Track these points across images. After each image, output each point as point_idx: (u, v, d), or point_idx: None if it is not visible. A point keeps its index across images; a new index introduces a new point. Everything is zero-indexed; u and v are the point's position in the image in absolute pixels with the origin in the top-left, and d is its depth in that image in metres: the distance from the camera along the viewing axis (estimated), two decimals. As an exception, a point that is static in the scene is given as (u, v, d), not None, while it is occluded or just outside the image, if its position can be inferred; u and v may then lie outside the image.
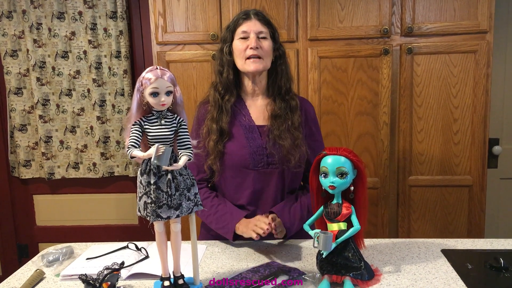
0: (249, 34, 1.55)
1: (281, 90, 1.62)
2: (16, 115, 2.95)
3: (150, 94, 1.10)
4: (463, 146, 2.28)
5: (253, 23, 1.56)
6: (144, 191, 1.12)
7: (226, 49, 1.59)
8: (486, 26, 2.18)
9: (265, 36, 1.57)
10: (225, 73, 1.60)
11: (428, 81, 2.25)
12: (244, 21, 1.57)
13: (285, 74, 1.62)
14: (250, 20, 1.57)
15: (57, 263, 1.43)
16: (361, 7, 2.23)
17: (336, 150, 1.22)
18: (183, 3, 2.29)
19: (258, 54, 1.54)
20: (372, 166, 2.33)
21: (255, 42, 1.54)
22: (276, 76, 1.63)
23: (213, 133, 1.57)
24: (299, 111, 1.62)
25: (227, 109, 1.59)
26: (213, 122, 1.58)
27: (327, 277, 1.22)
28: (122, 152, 2.95)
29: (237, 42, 1.57)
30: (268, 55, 1.58)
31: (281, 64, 1.62)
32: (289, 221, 1.55)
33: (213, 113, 1.59)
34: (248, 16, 1.58)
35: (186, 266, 1.32)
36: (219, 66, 1.62)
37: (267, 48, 1.57)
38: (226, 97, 1.60)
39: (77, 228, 3.12)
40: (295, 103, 1.61)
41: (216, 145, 1.57)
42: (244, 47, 1.55)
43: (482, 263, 1.34)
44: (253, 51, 1.54)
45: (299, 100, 1.65)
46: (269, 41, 1.58)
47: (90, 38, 2.81)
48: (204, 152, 1.58)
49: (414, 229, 2.37)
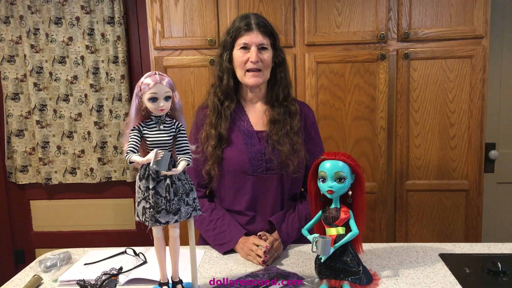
0: (250, 46, 1.54)
1: (279, 97, 1.61)
2: (13, 120, 2.94)
3: (149, 100, 1.11)
4: (460, 150, 2.29)
5: (254, 35, 1.55)
6: (142, 196, 1.12)
7: (226, 56, 1.58)
8: (482, 32, 2.20)
9: (266, 47, 1.56)
10: (225, 80, 1.59)
11: (425, 86, 2.27)
12: (245, 32, 1.55)
13: (284, 81, 1.62)
14: (252, 31, 1.55)
15: (55, 269, 1.43)
16: (358, 12, 2.24)
17: (334, 155, 1.22)
18: (181, 8, 2.30)
19: (258, 68, 1.54)
20: (369, 171, 2.33)
21: (256, 56, 1.53)
22: (275, 82, 1.62)
23: (212, 138, 1.57)
24: (298, 116, 1.62)
25: (226, 115, 1.58)
26: (212, 127, 1.58)
27: (326, 282, 1.22)
28: (120, 157, 2.94)
29: (237, 52, 1.56)
30: (268, 67, 1.58)
31: (281, 71, 1.62)
32: (286, 234, 1.55)
33: (212, 118, 1.59)
34: (250, 26, 1.55)
35: (184, 271, 1.32)
36: (219, 72, 1.61)
37: (268, 60, 1.57)
38: (225, 104, 1.60)
39: (74, 234, 3.11)
40: (295, 108, 1.61)
41: (215, 150, 1.56)
42: (244, 59, 1.54)
43: (480, 267, 1.35)
44: (253, 65, 1.54)
45: (298, 105, 1.65)
46: (269, 52, 1.57)
47: (88, 44, 2.81)
48: (202, 158, 1.58)
49: (412, 234, 2.37)
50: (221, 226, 1.57)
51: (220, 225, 1.58)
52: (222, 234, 1.56)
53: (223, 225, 1.58)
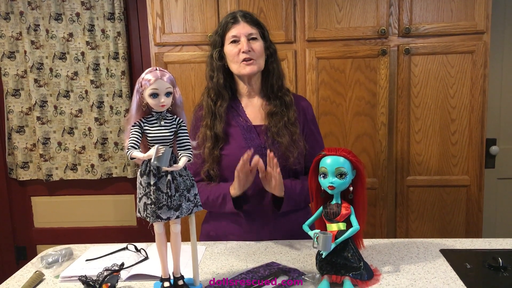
0: (240, 37, 1.56)
1: (274, 88, 1.63)
2: (14, 116, 2.94)
3: (150, 95, 1.10)
4: (461, 146, 2.29)
5: (242, 26, 1.57)
6: (144, 192, 1.12)
7: (216, 54, 1.61)
8: (483, 27, 2.19)
9: (256, 37, 1.58)
10: (215, 78, 1.61)
11: (426, 81, 2.26)
12: (233, 25, 1.58)
13: (276, 72, 1.64)
14: (239, 23, 1.58)
15: (57, 265, 1.43)
16: (358, 8, 2.24)
17: (335, 151, 1.22)
18: (181, 4, 2.30)
19: (251, 57, 1.56)
20: (370, 167, 2.33)
21: (247, 45, 1.55)
22: (269, 74, 1.64)
23: (208, 140, 1.59)
24: (294, 107, 1.63)
25: (221, 114, 1.60)
26: (207, 128, 1.60)
27: (327, 277, 1.22)
28: (120, 154, 2.94)
29: (228, 46, 1.58)
30: (261, 56, 1.59)
31: (273, 62, 1.63)
32: (289, 185, 1.56)
33: (207, 120, 1.61)
34: (236, 19, 1.58)
35: (185, 267, 1.33)
36: (210, 72, 1.64)
37: (259, 49, 1.58)
38: (218, 103, 1.61)
39: (75, 230, 3.12)
40: (289, 99, 1.63)
41: (212, 151, 1.58)
42: (236, 51, 1.56)
43: (480, 263, 1.35)
44: (246, 54, 1.55)
45: (295, 98, 1.66)
46: (260, 41, 1.59)
47: (88, 40, 2.81)
48: (200, 160, 1.59)
49: (412, 229, 2.37)
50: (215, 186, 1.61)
51: (213, 185, 1.61)
52: (216, 187, 1.59)
53: (216, 185, 1.61)
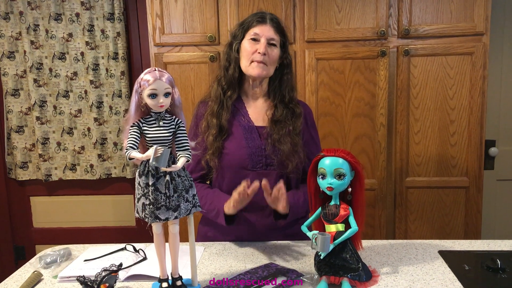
0: (261, 38, 1.55)
1: (285, 98, 1.62)
2: (13, 116, 2.94)
3: (149, 96, 1.10)
4: (460, 147, 2.29)
5: (267, 28, 1.56)
6: (142, 193, 1.12)
7: (235, 46, 1.60)
8: (482, 28, 2.20)
9: (275, 43, 1.57)
10: (231, 70, 1.60)
11: (425, 82, 2.26)
12: (258, 23, 1.57)
13: (290, 84, 1.63)
14: (265, 24, 1.56)
15: (55, 265, 1.43)
16: (358, 9, 2.24)
17: (334, 152, 1.22)
18: (181, 4, 2.30)
19: (264, 61, 1.55)
20: (369, 168, 2.33)
21: (264, 48, 1.54)
22: (281, 84, 1.63)
23: (213, 127, 1.58)
24: (302, 119, 1.62)
25: (228, 105, 1.59)
26: (213, 116, 1.59)
27: (325, 278, 1.22)
28: (119, 154, 2.94)
29: (246, 42, 1.57)
30: (273, 63, 1.59)
31: (288, 73, 1.63)
32: (292, 200, 1.54)
33: (213, 107, 1.60)
34: (264, 19, 1.57)
35: (184, 267, 1.32)
36: (226, 62, 1.62)
37: (275, 57, 1.57)
38: (228, 93, 1.61)
39: (74, 230, 3.12)
40: (300, 111, 1.62)
41: (215, 140, 1.57)
42: (252, 50, 1.55)
43: (479, 264, 1.35)
44: (260, 56, 1.54)
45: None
46: (277, 49, 1.58)
47: (88, 40, 2.81)
48: (202, 147, 1.58)
49: (411, 230, 2.37)
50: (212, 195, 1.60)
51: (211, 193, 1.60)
52: (213, 197, 1.58)
53: (214, 194, 1.60)
